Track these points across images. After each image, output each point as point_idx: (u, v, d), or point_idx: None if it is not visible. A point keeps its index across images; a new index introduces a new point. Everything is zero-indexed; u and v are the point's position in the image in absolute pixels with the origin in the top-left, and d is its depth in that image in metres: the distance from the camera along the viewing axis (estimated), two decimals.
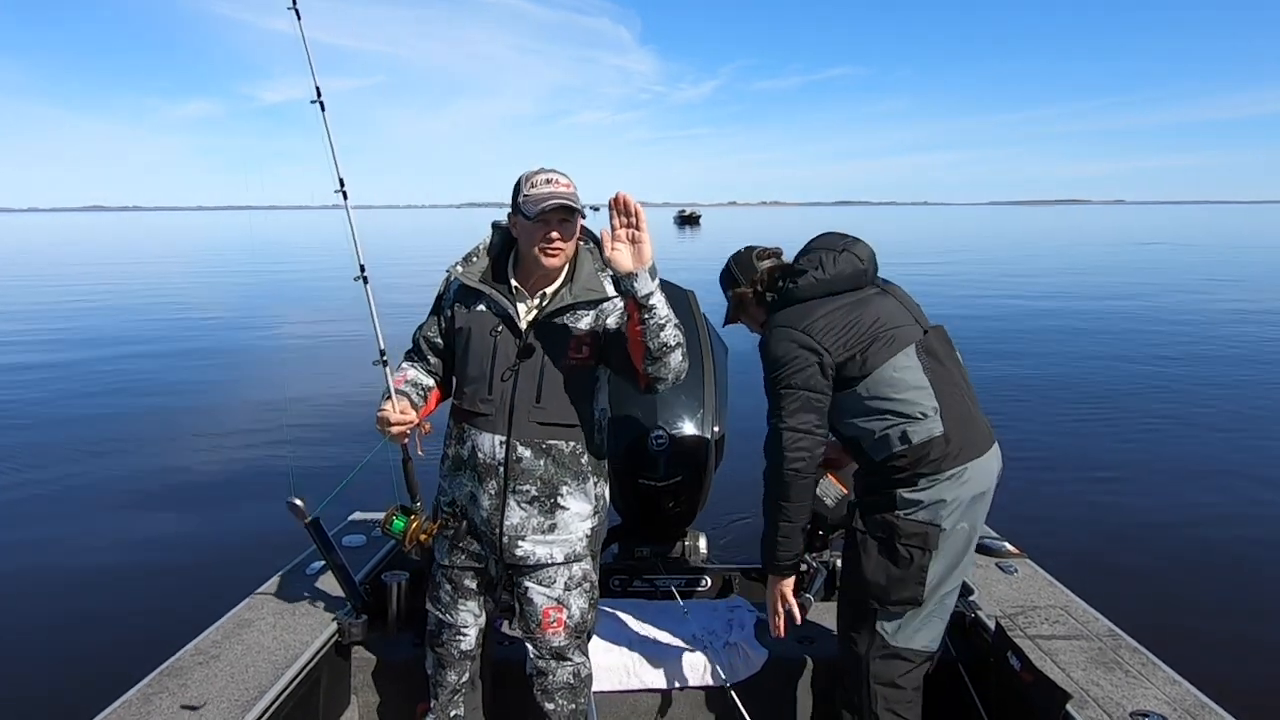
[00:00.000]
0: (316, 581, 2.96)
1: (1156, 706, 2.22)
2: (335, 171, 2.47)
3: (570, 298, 2.23)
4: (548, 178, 2.17)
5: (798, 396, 2.22)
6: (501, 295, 2.25)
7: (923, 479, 2.19)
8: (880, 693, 2.24)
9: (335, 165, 2.47)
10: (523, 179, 2.20)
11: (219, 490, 6.39)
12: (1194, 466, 6.89)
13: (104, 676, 2.66)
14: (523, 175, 2.21)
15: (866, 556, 2.22)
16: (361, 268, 2.45)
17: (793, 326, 2.27)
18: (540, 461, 2.24)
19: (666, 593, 3.34)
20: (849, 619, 2.31)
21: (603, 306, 2.26)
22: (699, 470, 3.12)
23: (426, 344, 2.41)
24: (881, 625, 2.24)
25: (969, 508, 2.21)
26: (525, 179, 2.19)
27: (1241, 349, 12.28)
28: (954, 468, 2.20)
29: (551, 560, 2.30)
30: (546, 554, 2.29)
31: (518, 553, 2.28)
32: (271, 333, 15.05)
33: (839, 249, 2.38)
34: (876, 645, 2.24)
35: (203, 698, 2.25)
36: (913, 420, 2.19)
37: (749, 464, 2.59)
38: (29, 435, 8.01)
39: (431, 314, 2.42)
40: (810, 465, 2.23)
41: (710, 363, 3.25)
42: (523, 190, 2.17)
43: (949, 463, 2.20)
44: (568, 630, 2.35)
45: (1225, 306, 17.48)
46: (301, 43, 2.40)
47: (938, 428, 2.20)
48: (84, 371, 11.16)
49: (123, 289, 22.65)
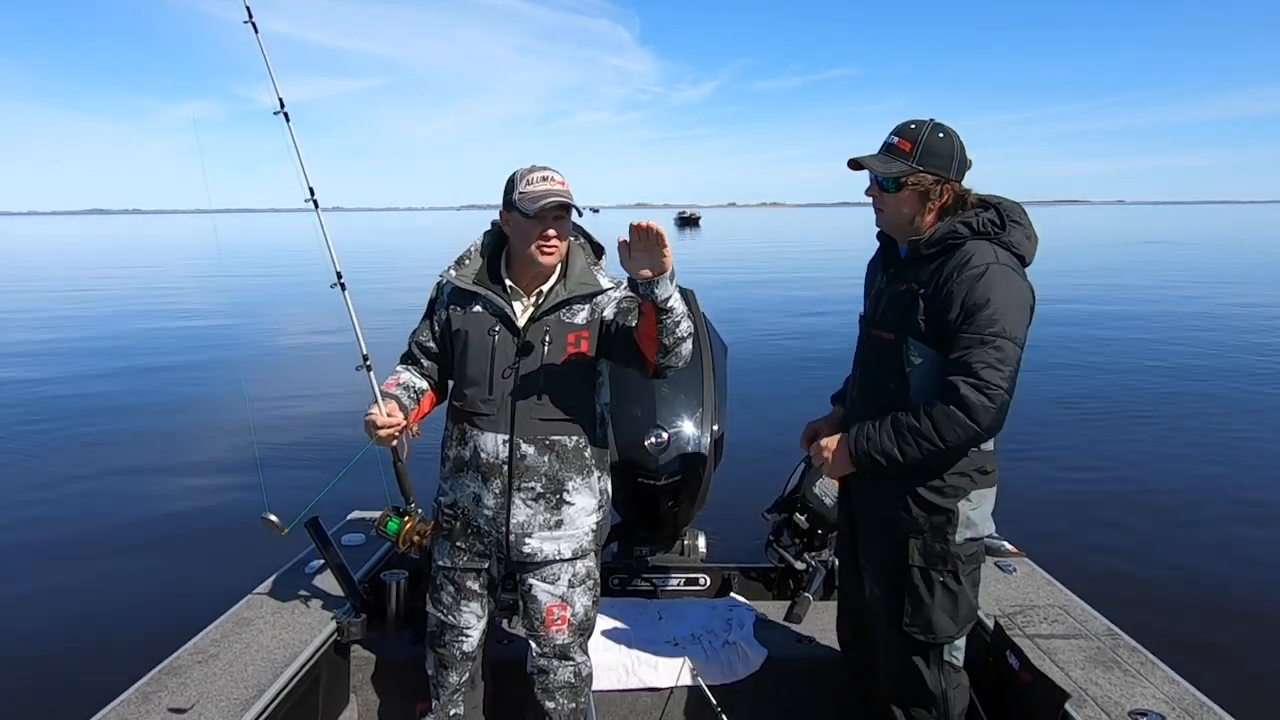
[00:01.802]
0: (315, 580, 2.96)
1: (1155, 705, 2.22)
2: (304, 181, 2.48)
3: (565, 293, 2.24)
4: (544, 175, 2.17)
5: (1016, 351, 1.94)
6: (497, 295, 2.25)
7: (976, 491, 2.10)
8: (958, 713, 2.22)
9: (304, 175, 2.48)
10: (517, 175, 2.19)
11: (219, 491, 6.38)
12: (1194, 466, 6.89)
13: (103, 675, 2.66)
14: (517, 172, 2.21)
15: (933, 599, 2.10)
16: (338, 274, 2.45)
17: (1022, 276, 2.03)
18: (544, 458, 2.24)
19: (666, 592, 3.35)
20: (912, 656, 2.17)
21: (597, 300, 2.27)
22: (698, 470, 3.12)
23: (419, 348, 2.41)
24: (951, 655, 2.18)
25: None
26: (520, 175, 2.19)
27: (1243, 348, 12.28)
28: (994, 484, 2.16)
29: (559, 556, 2.30)
30: (554, 550, 2.29)
31: (525, 550, 2.28)
32: (257, 337, 15.01)
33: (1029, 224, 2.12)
34: (948, 674, 2.18)
35: (201, 697, 2.25)
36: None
37: (748, 464, 2.58)
38: (23, 432, 8.01)
39: (424, 319, 2.42)
40: (996, 431, 1.99)
41: (710, 362, 3.25)
42: (518, 187, 2.17)
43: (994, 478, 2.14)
44: (571, 628, 2.35)
45: (1225, 306, 17.48)
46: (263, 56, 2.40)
47: (990, 440, 2.08)
48: (81, 376, 11.15)
49: (99, 295, 22.55)
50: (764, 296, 19.45)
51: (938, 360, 2.02)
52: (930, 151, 2.04)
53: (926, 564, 2.10)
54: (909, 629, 2.13)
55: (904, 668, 2.20)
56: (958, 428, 1.94)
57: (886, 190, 2.10)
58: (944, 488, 2.07)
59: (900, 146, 2.06)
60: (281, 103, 2.44)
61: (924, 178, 2.04)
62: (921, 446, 1.99)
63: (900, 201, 2.08)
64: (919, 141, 2.04)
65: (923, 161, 2.04)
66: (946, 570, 2.09)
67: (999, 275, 1.96)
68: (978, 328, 1.93)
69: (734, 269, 28.87)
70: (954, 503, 2.07)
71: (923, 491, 2.08)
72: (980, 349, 1.92)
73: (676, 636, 2.87)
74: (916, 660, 2.17)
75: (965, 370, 1.93)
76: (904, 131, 2.07)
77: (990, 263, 1.97)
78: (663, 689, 2.75)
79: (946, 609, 2.11)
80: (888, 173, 2.06)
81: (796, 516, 3.23)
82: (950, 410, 1.94)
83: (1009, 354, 1.93)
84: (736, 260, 34.53)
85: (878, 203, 2.14)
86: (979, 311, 1.93)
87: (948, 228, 2.04)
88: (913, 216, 2.09)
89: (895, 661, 2.22)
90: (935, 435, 1.96)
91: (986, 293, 1.93)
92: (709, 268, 28.62)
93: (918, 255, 2.09)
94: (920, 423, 1.98)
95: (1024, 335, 1.99)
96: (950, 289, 1.97)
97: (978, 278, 1.95)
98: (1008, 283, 1.96)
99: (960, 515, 2.08)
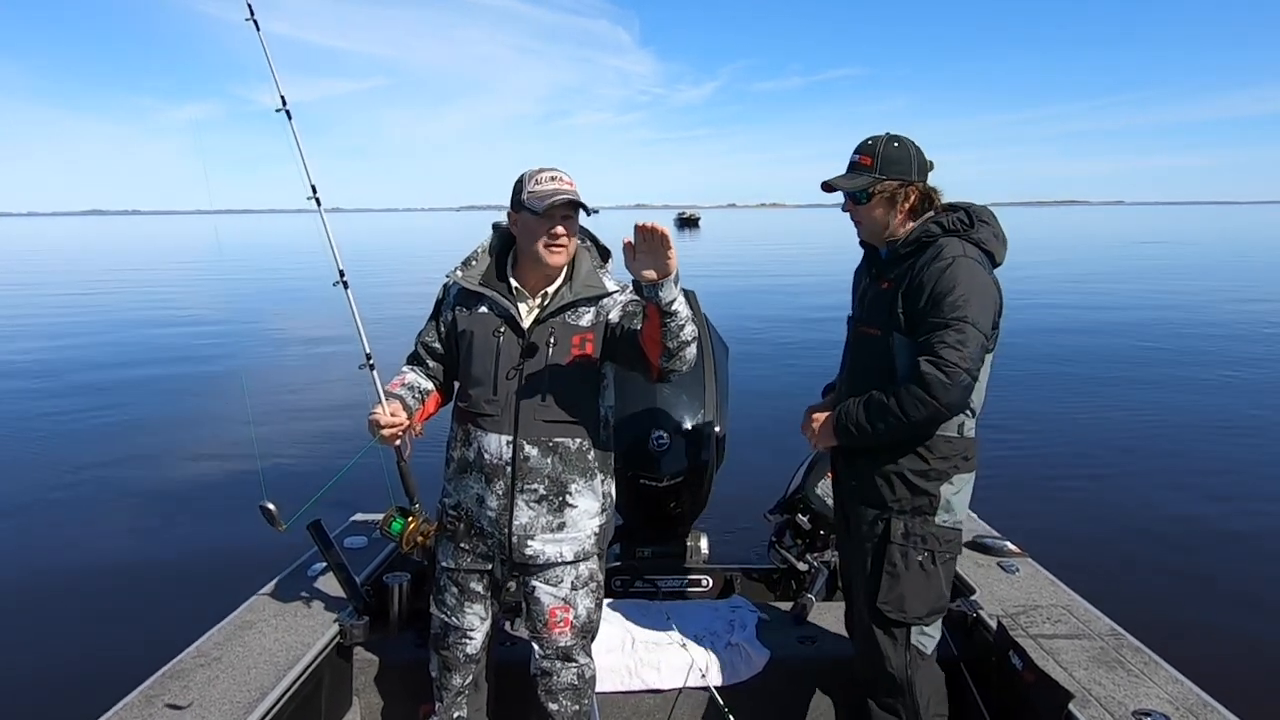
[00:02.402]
0: (318, 583, 2.96)
1: (1159, 706, 2.22)
2: (306, 179, 2.51)
3: (571, 295, 2.25)
4: (552, 175, 2.19)
5: (978, 336, 2.06)
6: (502, 296, 2.26)
7: (957, 475, 2.21)
8: (929, 707, 2.28)
9: (306, 172, 2.50)
10: (526, 176, 2.22)
11: (218, 491, 6.38)
12: (1197, 466, 6.89)
13: (105, 678, 2.66)
14: (525, 173, 2.23)
15: (909, 576, 2.21)
16: (341, 273, 2.46)
17: (989, 272, 2.16)
18: (548, 460, 2.24)
19: (668, 593, 3.34)
20: (881, 636, 2.27)
21: (603, 303, 2.28)
22: (700, 471, 3.12)
23: (425, 349, 2.41)
24: (919, 639, 2.26)
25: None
26: (529, 176, 2.21)
27: (1246, 349, 12.27)
28: (974, 470, 2.26)
29: (561, 559, 2.30)
30: (556, 553, 2.29)
31: (527, 552, 2.28)
32: (261, 337, 15.02)
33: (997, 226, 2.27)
34: (914, 659, 2.25)
35: (204, 699, 2.25)
36: (972, 415, 2.22)
37: (751, 464, 2.59)
38: (32, 436, 8.02)
39: (430, 320, 2.42)
40: (957, 410, 2.11)
41: (711, 363, 3.25)
42: (526, 187, 2.19)
43: (974, 464, 2.25)
44: (574, 630, 2.35)
45: (1226, 307, 17.48)
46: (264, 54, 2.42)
47: (973, 428, 2.24)
48: (73, 382, 11.15)
49: (100, 298, 22.56)
50: (764, 297, 19.47)
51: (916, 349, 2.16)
52: (889, 160, 2.23)
53: (906, 542, 2.21)
54: (882, 606, 2.23)
55: (873, 649, 2.29)
56: (920, 404, 2.07)
57: (859, 203, 2.27)
58: (929, 471, 2.20)
59: (862, 162, 2.26)
60: (284, 100, 2.45)
61: (888, 184, 2.22)
62: (889, 422, 2.13)
63: (872, 210, 2.26)
64: (877, 154, 2.24)
65: (884, 170, 2.23)
66: (925, 549, 2.21)
67: (965, 266, 2.10)
68: (942, 312, 2.07)
69: (734, 270, 28.89)
70: (937, 486, 2.20)
71: (909, 474, 2.20)
72: (943, 331, 2.06)
73: (679, 638, 2.87)
74: (885, 641, 2.26)
75: (928, 350, 2.07)
76: (863, 149, 2.27)
77: (958, 255, 2.12)
78: (666, 690, 2.75)
79: (919, 589, 2.21)
80: (854, 187, 2.25)
81: (799, 517, 3.24)
82: (913, 388, 2.08)
83: (970, 337, 2.05)
84: (736, 261, 34.56)
85: (854, 216, 2.31)
86: (945, 298, 2.07)
87: (922, 228, 2.21)
88: (887, 221, 2.25)
89: (867, 643, 2.31)
90: (900, 411, 2.10)
91: (953, 281, 2.07)
92: (709, 269, 28.63)
93: (896, 255, 2.25)
94: (889, 400, 2.13)
95: (988, 324, 2.11)
96: (921, 279, 2.13)
97: (945, 268, 2.10)
98: (973, 274, 2.10)
99: (941, 499, 2.20)
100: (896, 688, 2.27)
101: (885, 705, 2.31)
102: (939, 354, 2.04)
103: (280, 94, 2.44)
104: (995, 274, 2.20)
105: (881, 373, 2.21)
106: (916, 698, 2.26)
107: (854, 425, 2.20)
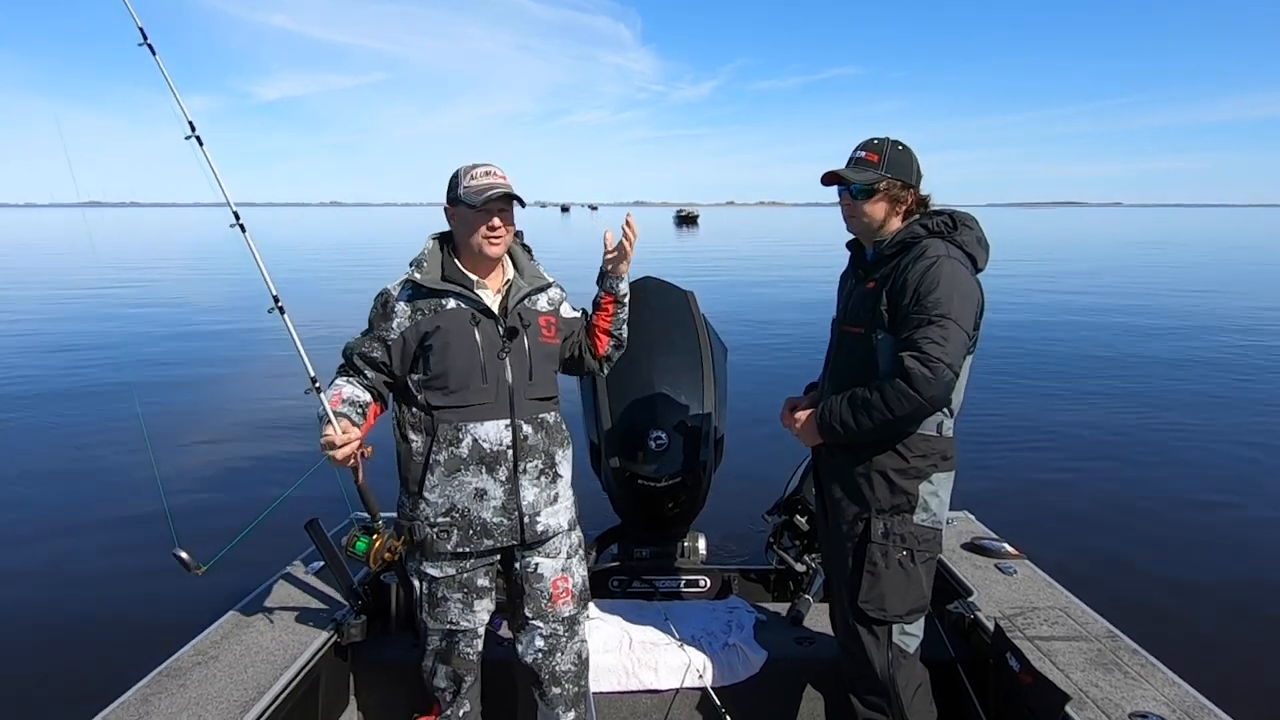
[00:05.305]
0: (315, 582, 2.96)
1: (1155, 708, 2.22)
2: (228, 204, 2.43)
3: (526, 285, 2.38)
4: (486, 170, 2.27)
5: (960, 333, 2.10)
6: (467, 289, 2.29)
7: (936, 474, 2.24)
8: (913, 704, 2.29)
9: (226, 198, 2.42)
10: (461, 172, 2.28)
11: (218, 493, 6.37)
12: (1196, 467, 6.89)
13: (103, 678, 2.65)
14: (460, 169, 2.30)
15: (889, 575, 2.23)
16: (275, 299, 2.38)
17: (971, 274, 2.21)
18: (539, 436, 2.33)
19: (666, 593, 3.35)
20: (863, 634, 2.29)
21: (549, 293, 2.46)
22: (698, 471, 3.12)
23: (364, 360, 2.30)
24: (900, 638, 2.27)
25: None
26: (464, 171, 2.28)
27: (1246, 348, 12.29)
28: (954, 470, 2.29)
29: (560, 529, 2.40)
30: (556, 524, 2.38)
31: (538, 529, 2.34)
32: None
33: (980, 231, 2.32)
34: (896, 657, 2.27)
35: (202, 698, 2.25)
36: (950, 414, 2.25)
37: (749, 465, 2.59)
38: (13, 425, 8.00)
39: (367, 333, 2.32)
40: (940, 404, 2.14)
41: (710, 364, 3.25)
42: (462, 182, 2.26)
43: (953, 464, 2.28)
44: (574, 598, 2.45)
45: (1226, 306, 17.51)
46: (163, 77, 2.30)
47: (952, 428, 2.27)
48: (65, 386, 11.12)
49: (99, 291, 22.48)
50: (763, 297, 19.45)
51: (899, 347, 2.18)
52: (895, 163, 2.28)
53: (886, 541, 2.24)
54: (863, 604, 2.26)
55: (857, 648, 2.31)
56: (903, 398, 2.10)
57: (858, 198, 2.29)
58: (908, 469, 2.22)
59: (868, 159, 2.29)
60: (192, 126, 2.35)
61: (894, 184, 2.27)
62: (874, 417, 2.15)
63: (873, 206, 2.28)
64: (884, 154, 2.28)
65: (890, 170, 2.27)
66: (904, 548, 2.23)
67: (948, 266, 2.14)
68: (925, 309, 2.10)
69: (733, 269, 28.86)
70: (916, 485, 2.23)
71: (889, 472, 2.23)
72: (926, 327, 2.09)
73: (677, 639, 2.87)
74: (867, 640, 2.28)
75: (911, 345, 2.10)
76: (869, 146, 2.30)
77: (942, 255, 2.16)
78: (663, 691, 2.75)
79: (899, 588, 2.24)
80: (865, 180, 2.27)
81: (797, 518, 3.24)
82: (896, 382, 2.11)
83: (952, 333, 2.09)
84: (735, 259, 34.53)
85: (849, 211, 2.33)
86: (928, 295, 2.10)
87: (907, 230, 2.26)
88: (884, 220, 2.29)
89: (850, 641, 2.34)
90: (884, 405, 2.13)
91: (936, 279, 2.11)
92: (708, 268, 28.62)
93: (881, 256, 2.29)
94: (872, 395, 2.16)
95: (970, 323, 2.14)
96: (905, 277, 2.16)
97: (929, 267, 2.13)
98: (956, 274, 2.14)
99: (920, 498, 2.23)
100: (879, 686, 2.29)
101: (869, 703, 2.34)
102: (922, 349, 2.08)
103: (188, 119, 2.35)
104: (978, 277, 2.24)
105: (864, 370, 2.24)
106: (900, 695, 2.28)
107: (837, 421, 2.23)
